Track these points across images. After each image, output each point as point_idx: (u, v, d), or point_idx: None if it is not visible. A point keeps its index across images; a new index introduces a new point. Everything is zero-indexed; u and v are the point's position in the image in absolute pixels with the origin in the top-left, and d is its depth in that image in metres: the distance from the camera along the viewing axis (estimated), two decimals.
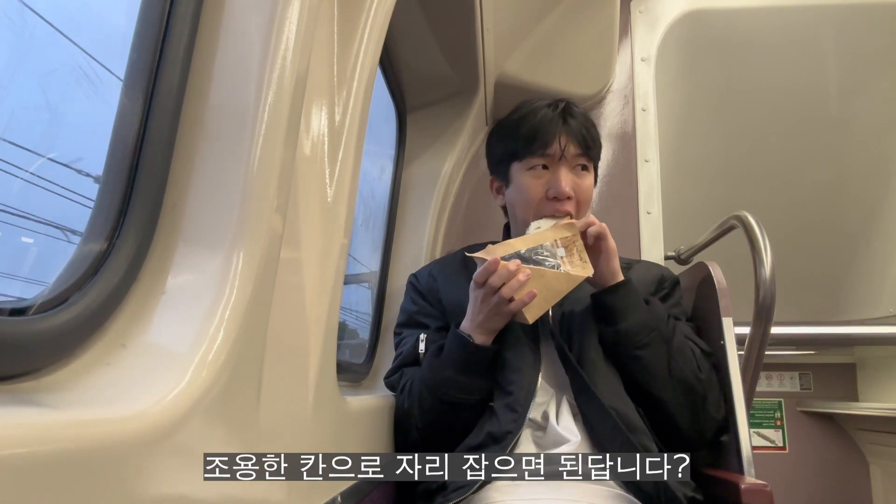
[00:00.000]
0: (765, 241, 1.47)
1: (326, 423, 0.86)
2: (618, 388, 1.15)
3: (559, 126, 1.23)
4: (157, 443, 0.47)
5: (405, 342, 1.29)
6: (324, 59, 0.83)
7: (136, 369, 0.52)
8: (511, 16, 1.76)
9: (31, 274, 0.72)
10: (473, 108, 1.86)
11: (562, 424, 1.13)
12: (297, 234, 0.75)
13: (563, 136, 1.23)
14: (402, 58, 1.68)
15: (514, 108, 1.33)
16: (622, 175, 2.07)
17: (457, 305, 1.24)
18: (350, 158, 0.88)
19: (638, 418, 1.13)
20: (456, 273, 1.33)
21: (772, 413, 2.90)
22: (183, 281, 0.59)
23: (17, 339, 0.46)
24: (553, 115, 1.25)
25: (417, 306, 1.33)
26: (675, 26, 2.28)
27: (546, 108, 1.26)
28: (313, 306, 0.80)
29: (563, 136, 1.23)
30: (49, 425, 0.39)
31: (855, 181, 2.83)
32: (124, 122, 0.61)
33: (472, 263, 1.24)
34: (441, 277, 1.34)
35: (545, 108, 1.26)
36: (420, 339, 1.25)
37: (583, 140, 1.24)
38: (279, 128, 0.65)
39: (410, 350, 1.25)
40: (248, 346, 0.60)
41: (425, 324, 1.30)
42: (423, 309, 1.32)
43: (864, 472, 2.79)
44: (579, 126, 1.24)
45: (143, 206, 0.59)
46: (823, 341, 2.77)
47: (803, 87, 2.60)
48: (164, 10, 0.63)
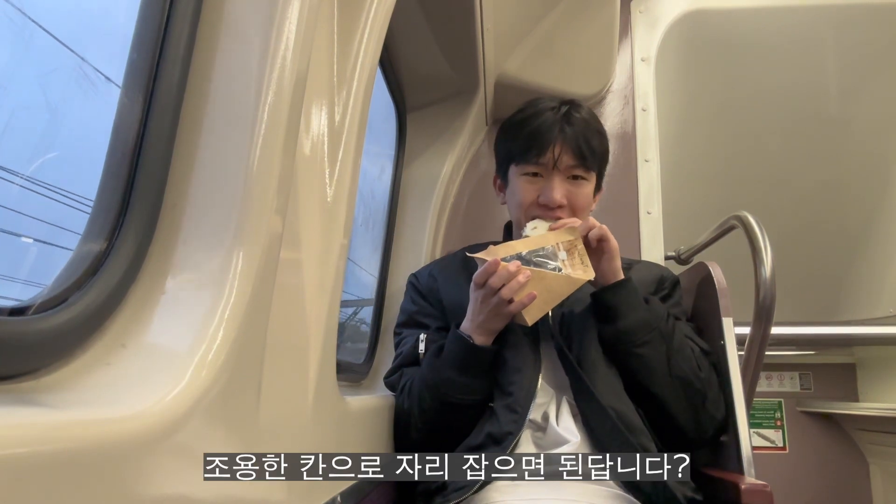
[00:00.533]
0: (765, 241, 1.47)
1: (326, 423, 0.86)
2: (617, 388, 1.15)
3: (555, 134, 1.21)
4: (157, 443, 0.47)
5: (405, 342, 1.28)
6: (324, 59, 0.83)
7: (136, 369, 0.52)
8: (511, 16, 1.76)
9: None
10: (473, 108, 1.86)
11: (562, 425, 1.13)
12: (296, 234, 0.75)
13: (557, 146, 1.21)
14: (402, 58, 1.68)
15: (521, 106, 1.31)
16: (622, 175, 2.07)
17: (457, 305, 1.24)
18: (350, 158, 0.88)
19: (637, 418, 1.13)
20: (456, 273, 1.33)
21: (772, 413, 2.90)
22: (183, 281, 0.59)
23: (17, 339, 0.46)
24: (552, 121, 1.22)
25: (417, 306, 1.33)
26: (675, 26, 2.28)
27: (549, 111, 1.24)
28: (313, 306, 0.80)
29: (557, 145, 1.21)
30: (49, 425, 0.39)
31: (855, 181, 2.83)
32: (124, 121, 0.61)
33: (472, 263, 1.24)
34: (441, 277, 1.34)
35: (548, 112, 1.24)
36: (420, 340, 1.25)
37: (578, 150, 1.21)
38: (279, 128, 0.65)
39: (410, 350, 1.25)
40: (248, 346, 0.60)
41: (425, 324, 1.30)
42: (424, 309, 1.32)
43: (864, 473, 2.79)
44: (577, 134, 1.21)
45: (143, 205, 0.59)
46: (823, 341, 2.77)
47: (803, 87, 2.60)
48: (164, 10, 0.63)
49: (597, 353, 1.17)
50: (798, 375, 2.95)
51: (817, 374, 2.93)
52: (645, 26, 2.26)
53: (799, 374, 2.95)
